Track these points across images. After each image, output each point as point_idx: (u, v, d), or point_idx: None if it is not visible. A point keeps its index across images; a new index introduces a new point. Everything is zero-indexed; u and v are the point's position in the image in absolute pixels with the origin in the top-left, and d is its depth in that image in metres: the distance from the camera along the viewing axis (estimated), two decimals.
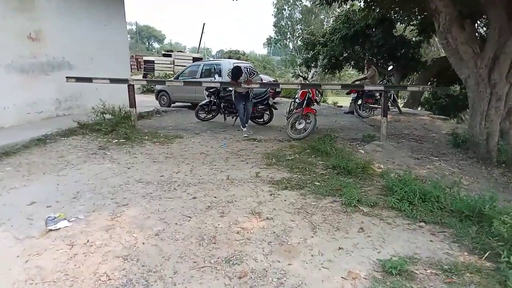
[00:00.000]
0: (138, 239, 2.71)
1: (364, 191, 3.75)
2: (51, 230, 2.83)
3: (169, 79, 9.02)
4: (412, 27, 13.81)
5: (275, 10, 43.98)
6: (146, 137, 6.17)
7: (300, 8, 43.62)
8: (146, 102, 11.93)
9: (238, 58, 28.22)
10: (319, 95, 6.41)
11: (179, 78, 10.82)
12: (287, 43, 45.13)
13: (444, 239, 2.78)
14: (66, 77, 6.61)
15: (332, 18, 17.48)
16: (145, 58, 20.25)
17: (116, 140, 5.77)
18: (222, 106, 7.94)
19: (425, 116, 9.57)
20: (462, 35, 5.36)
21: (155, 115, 8.72)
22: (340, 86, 5.56)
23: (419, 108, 14.32)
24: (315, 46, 16.88)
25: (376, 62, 15.50)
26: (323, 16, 42.64)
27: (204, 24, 33.26)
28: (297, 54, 40.52)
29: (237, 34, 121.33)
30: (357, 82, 9.04)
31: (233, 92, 7.11)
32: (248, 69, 6.25)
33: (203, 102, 8.14)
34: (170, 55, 19.84)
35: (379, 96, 8.87)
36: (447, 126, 8.36)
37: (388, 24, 12.46)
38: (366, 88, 5.78)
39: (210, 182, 3.98)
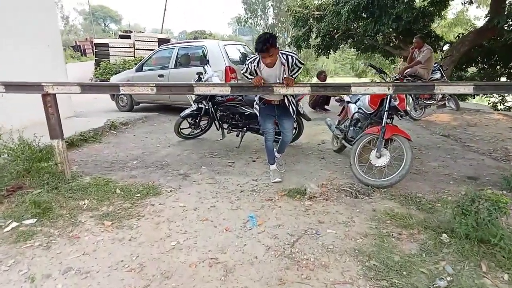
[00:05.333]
0: None
1: None
2: None
3: (125, 83, 5.29)
4: None
5: None
6: (86, 201, 3.04)
7: None
8: (99, 102, 8.56)
9: (205, 38, 24.77)
10: (411, 102, 3.51)
11: (143, 69, 7.55)
12: (258, 21, 41.89)
13: None
14: None
15: None
16: (96, 40, 16.18)
17: (16, 223, 2.62)
18: (217, 116, 4.91)
19: (495, 114, 7.04)
20: None
21: (109, 132, 5.47)
22: (472, 87, 2.70)
23: None
24: (308, 22, 14.08)
25: (392, 40, 12.99)
26: None
27: (166, 0, 28.99)
28: None
29: (197, 14, 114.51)
30: (408, 70, 6.26)
31: (254, 100, 4.01)
32: (289, 56, 3.14)
33: (188, 111, 5.04)
34: (128, 37, 15.97)
35: None
36: None
37: None
38: None
39: None
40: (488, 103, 12.77)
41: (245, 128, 4.81)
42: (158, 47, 10.66)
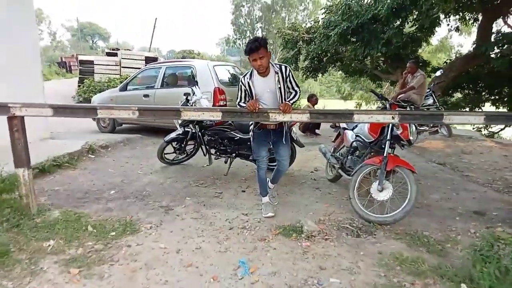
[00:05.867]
0: None
1: None
2: None
3: (103, 105, 4.38)
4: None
5: (233, 7, 41.24)
6: (51, 241, 2.63)
7: (260, 5, 41.26)
8: (80, 121, 8.05)
9: (193, 58, 24.73)
10: (415, 131, 3.29)
11: (128, 88, 7.23)
12: (247, 42, 42.43)
13: None
14: None
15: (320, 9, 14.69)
16: (81, 57, 15.80)
17: None
18: (205, 140, 4.60)
19: (488, 141, 6.95)
20: None
21: (86, 156, 5.07)
22: (483, 117, 2.51)
23: None
24: (297, 44, 14.13)
25: (380, 64, 13.06)
26: (284, 14, 40.54)
27: (156, 19, 28.96)
28: None
29: (185, 33, 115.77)
30: (401, 96, 6.13)
31: (244, 124, 3.76)
32: (282, 66, 2.99)
33: (173, 134, 4.72)
34: (115, 54, 15.66)
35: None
36: None
37: (404, 16, 9.78)
38: None
39: None
40: (473, 128, 12.87)
41: (234, 154, 4.51)
42: (145, 65, 10.39)
